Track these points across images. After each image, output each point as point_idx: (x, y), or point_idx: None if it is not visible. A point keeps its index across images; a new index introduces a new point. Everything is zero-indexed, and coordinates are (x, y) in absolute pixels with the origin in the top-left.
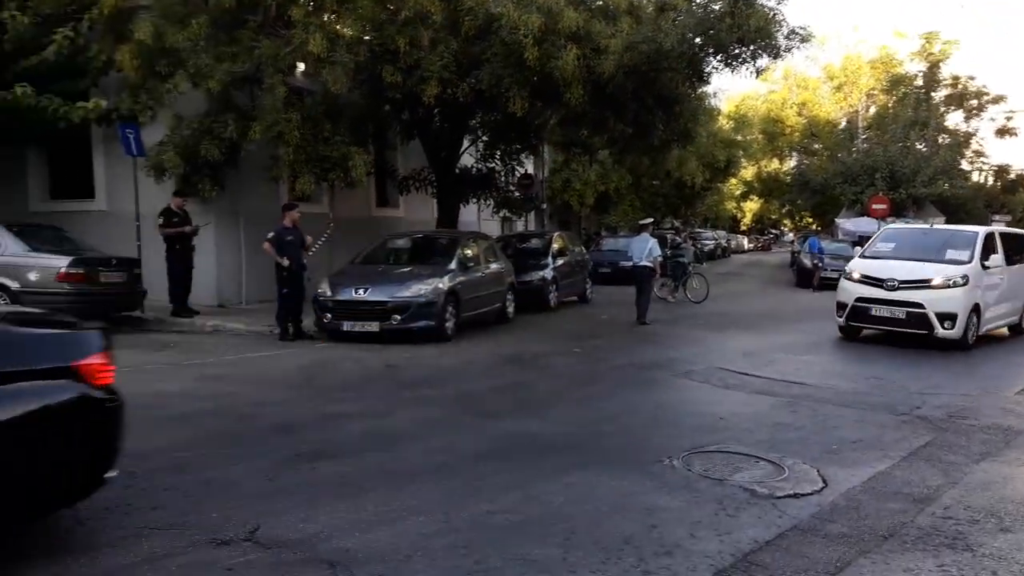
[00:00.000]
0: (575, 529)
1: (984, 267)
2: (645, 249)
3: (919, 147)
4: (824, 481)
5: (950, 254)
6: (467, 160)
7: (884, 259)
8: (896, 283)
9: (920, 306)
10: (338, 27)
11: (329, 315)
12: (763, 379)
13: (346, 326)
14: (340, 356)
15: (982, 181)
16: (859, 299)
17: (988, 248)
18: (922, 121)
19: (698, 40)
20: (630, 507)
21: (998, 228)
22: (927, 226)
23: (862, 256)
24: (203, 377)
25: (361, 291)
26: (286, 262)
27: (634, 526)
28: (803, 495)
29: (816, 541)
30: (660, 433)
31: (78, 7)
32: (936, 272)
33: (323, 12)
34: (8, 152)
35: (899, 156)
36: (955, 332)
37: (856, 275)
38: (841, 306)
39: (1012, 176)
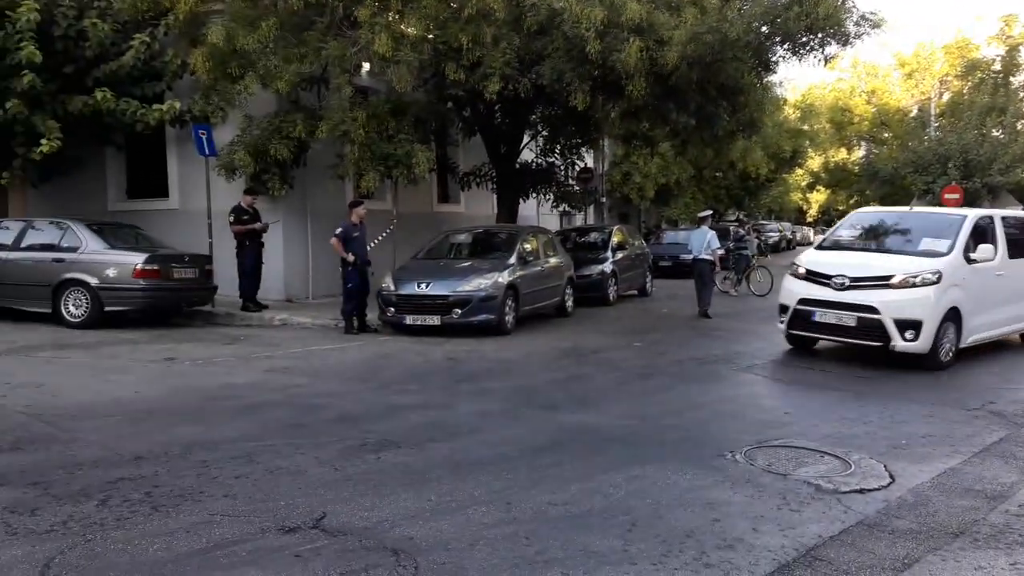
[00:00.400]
0: (636, 521)
1: (969, 260)
2: (704, 242)
3: (996, 134)
4: (891, 477)
5: (926, 243)
6: (527, 155)
7: (842, 250)
8: (846, 280)
9: (874, 310)
10: (403, 26)
11: (392, 309)
12: (829, 372)
13: (408, 320)
14: (403, 349)
15: None
16: (801, 301)
17: (980, 236)
18: (1000, 107)
19: (765, 29)
20: (692, 501)
21: (1002, 211)
22: (906, 209)
23: (818, 247)
24: (271, 369)
25: (423, 285)
26: (351, 257)
27: (696, 520)
28: (869, 490)
29: (883, 537)
30: (723, 427)
31: (155, 14)
32: (899, 267)
33: (388, 12)
34: (88, 154)
35: (974, 144)
36: (920, 344)
37: (802, 270)
38: (782, 309)
39: None
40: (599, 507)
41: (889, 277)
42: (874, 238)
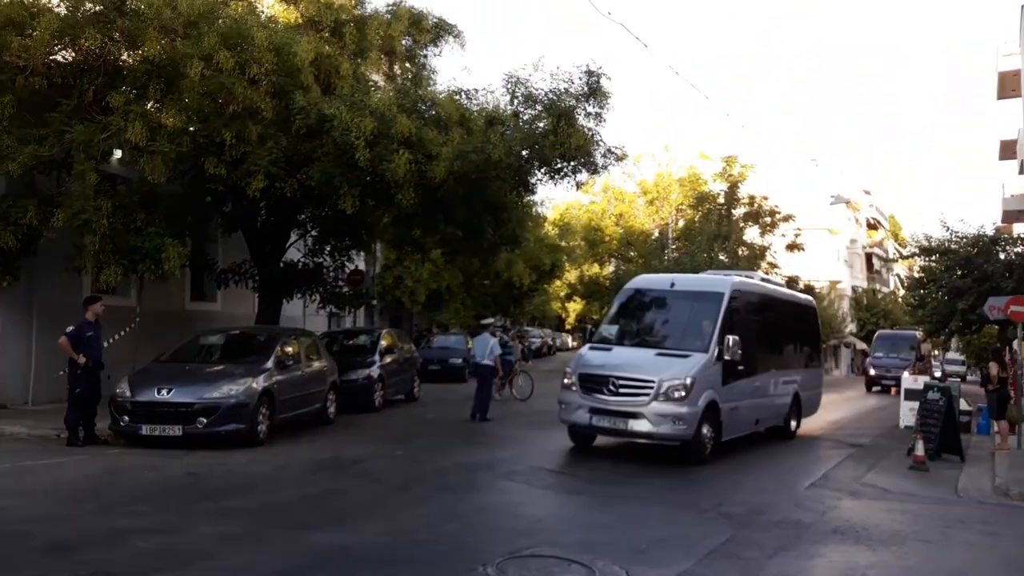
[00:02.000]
0: None
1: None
2: (487, 347)
3: (722, 258)
4: None
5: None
6: (294, 254)
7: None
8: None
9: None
10: (161, 116)
11: (127, 417)
12: (581, 478)
13: (145, 430)
14: (136, 463)
15: None
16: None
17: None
18: (724, 234)
19: (524, 153)
20: None
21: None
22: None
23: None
24: None
25: (164, 391)
26: (82, 359)
27: None
28: None
29: None
30: (478, 538)
31: None
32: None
33: (145, 100)
34: None
35: (704, 265)
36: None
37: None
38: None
39: (801, 286)
40: None
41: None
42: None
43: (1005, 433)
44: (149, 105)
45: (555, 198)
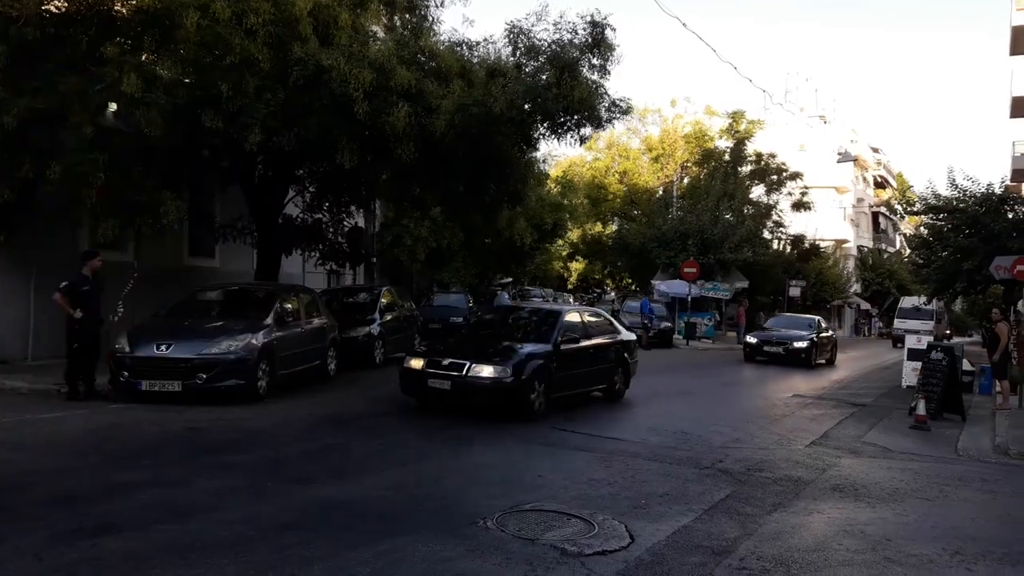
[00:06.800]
0: None
1: None
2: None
3: (727, 217)
4: (631, 536)
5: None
6: (292, 210)
7: None
8: None
9: None
10: (156, 68)
11: (126, 373)
12: (582, 435)
13: (144, 385)
14: (136, 418)
15: (781, 249)
16: None
17: None
18: (730, 193)
19: (526, 107)
20: (440, 573)
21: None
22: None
23: None
24: None
25: (163, 347)
26: (79, 314)
27: None
28: (610, 551)
29: None
30: (478, 493)
31: None
32: None
33: (140, 51)
34: None
35: (709, 224)
36: None
37: None
38: None
39: (806, 245)
40: None
41: None
42: None
43: (1006, 392)
44: (144, 56)
45: (558, 154)
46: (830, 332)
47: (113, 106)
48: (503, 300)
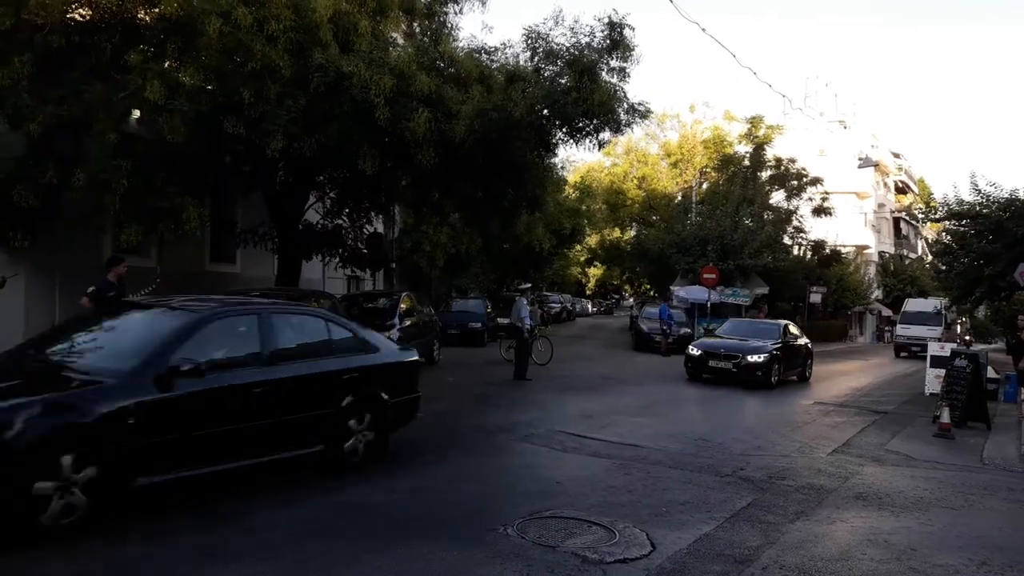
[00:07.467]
0: None
1: None
2: (517, 312)
3: (747, 222)
4: (652, 544)
5: None
6: (313, 216)
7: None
8: None
9: None
10: (179, 75)
11: None
12: (600, 441)
13: None
14: None
15: (801, 255)
16: None
17: None
18: (749, 198)
19: (546, 112)
20: None
21: None
22: None
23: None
24: None
25: None
26: None
27: None
28: (632, 559)
29: None
30: (498, 500)
31: None
32: None
33: (163, 59)
34: None
35: (729, 230)
36: None
37: None
38: None
39: (827, 251)
40: None
41: None
42: None
43: None
44: (167, 64)
45: (576, 160)
46: (803, 340)
47: (136, 113)
48: (522, 306)
